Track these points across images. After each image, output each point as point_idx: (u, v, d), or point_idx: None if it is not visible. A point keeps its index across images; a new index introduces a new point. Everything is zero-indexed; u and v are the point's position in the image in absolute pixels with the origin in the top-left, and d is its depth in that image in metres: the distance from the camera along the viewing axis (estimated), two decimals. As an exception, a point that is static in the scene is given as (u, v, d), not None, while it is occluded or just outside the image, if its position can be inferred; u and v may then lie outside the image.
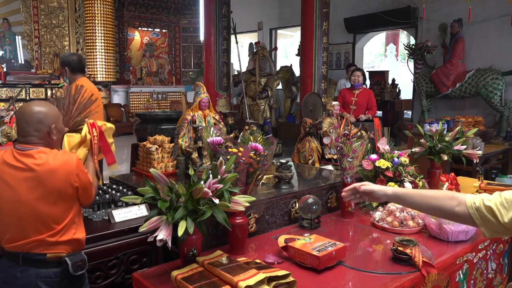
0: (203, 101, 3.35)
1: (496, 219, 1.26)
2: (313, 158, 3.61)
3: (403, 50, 9.38)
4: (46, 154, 1.65)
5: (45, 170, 1.62)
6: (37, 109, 1.69)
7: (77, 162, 1.69)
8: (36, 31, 10.16)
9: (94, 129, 1.92)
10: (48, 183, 1.62)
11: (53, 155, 1.66)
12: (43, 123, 1.68)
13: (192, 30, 12.73)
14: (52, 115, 1.73)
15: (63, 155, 1.70)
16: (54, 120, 1.72)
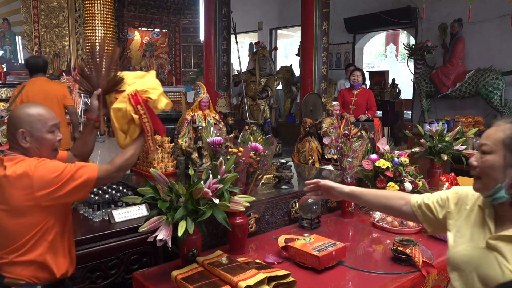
0: (203, 101, 3.35)
1: (434, 216, 1.41)
2: (313, 158, 3.61)
3: (403, 50, 9.38)
4: (11, 162, 1.50)
5: (5, 177, 1.47)
6: (16, 110, 1.59)
7: (35, 172, 1.46)
8: (36, 31, 10.16)
9: (139, 106, 1.61)
10: (5, 192, 1.47)
11: (19, 164, 1.49)
12: (13, 126, 1.55)
13: (192, 30, 12.73)
14: (26, 119, 1.54)
15: (25, 164, 1.49)
16: (25, 125, 1.53)
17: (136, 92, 1.62)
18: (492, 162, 1.19)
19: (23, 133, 1.53)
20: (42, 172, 1.46)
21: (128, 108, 1.61)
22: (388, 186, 2.55)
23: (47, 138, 1.58)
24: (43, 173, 1.46)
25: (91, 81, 1.72)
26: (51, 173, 1.47)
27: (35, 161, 1.50)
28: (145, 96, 1.63)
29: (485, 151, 1.21)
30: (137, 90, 1.63)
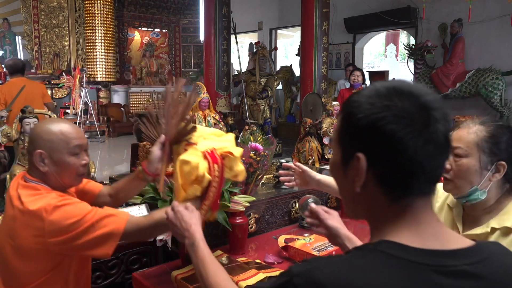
0: (203, 101, 3.35)
1: None
2: (313, 158, 3.61)
3: (403, 50, 9.38)
4: (28, 192, 1.27)
5: (19, 211, 1.24)
6: (37, 126, 1.40)
7: (49, 215, 1.21)
8: (36, 31, 10.16)
9: (216, 166, 1.29)
10: (15, 228, 1.26)
11: (36, 199, 1.25)
12: (31, 145, 1.32)
13: (192, 30, 12.73)
14: (45, 137, 1.30)
15: (43, 201, 1.24)
16: (43, 145, 1.29)
17: (213, 150, 1.33)
18: (468, 165, 1.17)
19: (40, 155, 1.28)
20: (58, 216, 1.20)
21: (201, 165, 1.28)
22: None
23: (69, 161, 1.31)
24: (59, 218, 1.20)
25: (158, 127, 1.45)
26: (68, 218, 1.20)
27: (55, 199, 1.24)
28: (224, 151, 1.35)
29: (460, 154, 1.19)
30: (214, 148, 1.33)
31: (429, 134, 0.65)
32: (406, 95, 0.66)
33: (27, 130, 2.42)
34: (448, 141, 0.68)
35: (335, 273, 0.65)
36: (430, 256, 0.65)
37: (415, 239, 0.67)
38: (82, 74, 9.21)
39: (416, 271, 0.64)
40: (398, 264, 0.64)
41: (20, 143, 2.42)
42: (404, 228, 0.69)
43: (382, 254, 0.66)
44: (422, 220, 0.69)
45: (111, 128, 9.97)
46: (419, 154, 0.65)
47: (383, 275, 0.64)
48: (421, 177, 0.67)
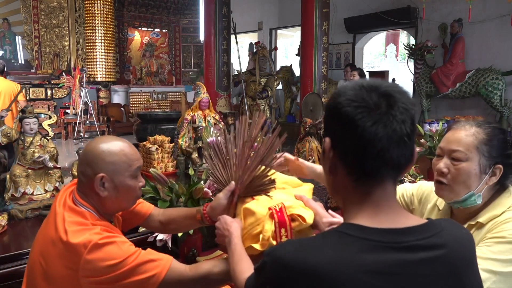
0: (203, 101, 3.35)
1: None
2: (313, 158, 3.61)
3: (403, 50, 9.38)
4: (74, 219, 1.16)
5: (59, 239, 1.14)
6: (93, 145, 1.22)
7: (88, 253, 1.09)
8: (36, 31, 10.16)
9: (283, 230, 1.10)
10: (50, 254, 1.16)
11: (79, 230, 1.13)
12: (89, 167, 1.19)
13: (192, 30, 12.73)
14: (108, 159, 1.19)
15: (86, 235, 1.12)
16: (106, 168, 1.18)
17: (283, 207, 1.13)
18: (468, 169, 1.14)
19: (102, 179, 1.18)
20: (97, 256, 1.09)
21: (267, 226, 1.10)
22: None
23: (130, 184, 1.22)
24: (97, 258, 1.09)
25: (228, 168, 1.25)
26: (106, 260, 1.10)
27: (98, 235, 1.12)
28: (295, 213, 1.13)
29: (459, 158, 1.15)
30: (284, 206, 1.13)
31: (379, 115, 0.71)
32: (371, 87, 0.74)
33: (27, 130, 2.42)
34: (408, 131, 0.73)
35: (294, 250, 0.73)
36: (384, 234, 0.71)
37: (373, 221, 0.73)
38: (82, 74, 9.21)
39: (371, 247, 0.69)
40: (354, 242, 0.70)
41: (20, 143, 2.42)
42: (364, 212, 0.76)
43: (339, 234, 0.73)
44: (381, 205, 0.76)
45: (111, 128, 9.96)
46: (368, 132, 0.71)
47: (338, 252, 0.69)
48: (375, 159, 0.73)
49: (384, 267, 0.68)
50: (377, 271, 0.67)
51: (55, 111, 9.44)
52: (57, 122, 8.72)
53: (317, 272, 0.68)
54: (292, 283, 0.69)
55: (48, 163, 2.41)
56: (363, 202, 0.76)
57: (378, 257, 0.68)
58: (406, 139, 0.73)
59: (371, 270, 0.67)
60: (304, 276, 0.68)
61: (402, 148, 0.73)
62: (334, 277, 0.67)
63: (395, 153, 0.72)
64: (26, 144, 2.40)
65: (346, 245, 0.70)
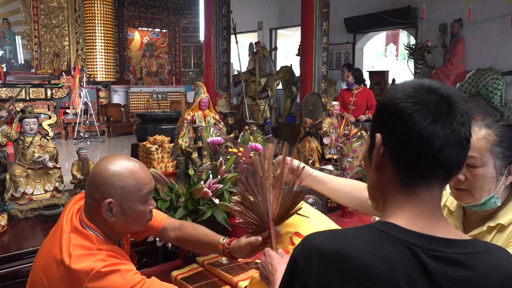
0: (203, 101, 3.35)
1: None
2: (313, 158, 3.61)
3: (403, 50, 9.38)
4: (79, 241, 1.11)
5: (62, 263, 1.09)
6: (106, 166, 1.14)
7: (89, 282, 1.05)
8: (36, 31, 10.16)
9: None
10: (52, 274, 1.11)
11: (84, 255, 1.09)
12: (98, 191, 1.13)
13: (192, 30, 12.73)
14: (118, 184, 1.12)
15: (89, 262, 1.07)
16: (115, 194, 1.12)
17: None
18: (485, 174, 1.11)
19: (110, 204, 1.12)
20: (98, 285, 1.06)
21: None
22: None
23: (140, 210, 1.16)
24: (98, 287, 1.06)
25: (256, 208, 1.16)
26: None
27: (102, 262, 1.07)
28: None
29: (475, 164, 1.12)
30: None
31: (439, 114, 0.69)
32: (431, 87, 0.72)
33: (27, 130, 2.42)
34: (467, 134, 0.71)
35: (328, 239, 0.70)
36: (421, 239, 0.68)
37: (411, 223, 0.70)
38: (82, 74, 9.21)
39: (404, 248, 0.66)
40: (388, 239, 0.68)
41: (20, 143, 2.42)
42: (407, 214, 0.72)
43: (375, 230, 0.70)
44: (424, 208, 0.72)
45: (111, 128, 9.96)
46: (426, 130, 0.68)
47: (372, 246, 0.67)
48: (429, 158, 0.70)
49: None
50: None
51: (55, 111, 9.44)
52: (57, 122, 8.72)
53: (350, 263, 0.66)
54: (330, 274, 0.67)
55: (48, 163, 2.41)
56: (406, 203, 0.73)
57: (409, 261, 0.66)
58: (465, 142, 0.71)
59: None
60: (338, 267, 0.66)
61: (458, 151, 0.71)
62: (365, 270, 0.65)
63: (451, 155, 0.70)
64: (26, 144, 2.40)
65: (380, 241, 0.68)
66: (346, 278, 0.66)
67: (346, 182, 1.41)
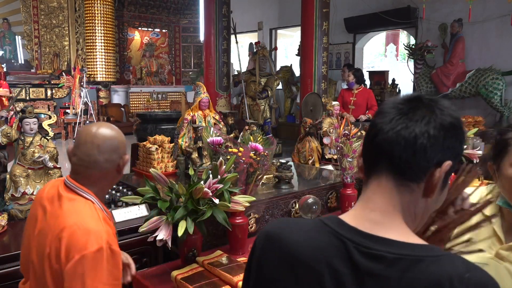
0: (203, 101, 3.35)
1: None
2: (313, 158, 3.61)
3: (403, 50, 9.38)
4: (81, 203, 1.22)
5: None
6: (109, 130, 1.28)
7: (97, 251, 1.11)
8: (36, 31, 10.16)
9: None
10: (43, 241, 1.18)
11: (87, 215, 1.19)
12: (116, 152, 1.27)
13: (192, 30, 12.73)
14: (124, 141, 1.31)
15: (94, 223, 1.18)
16: (125, 149, 1.31)
17: None
18: None
19: (127, 160, 1.31)
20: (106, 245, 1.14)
21: None
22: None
23: (128, 159, 1.34)
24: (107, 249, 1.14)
25: None
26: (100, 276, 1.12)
27: (108, 245, 1.15)
28: None
29: None
30: None
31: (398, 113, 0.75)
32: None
33: (27, 130, 2.42)
34: (413, 136, 0.73)
35: (277, 225, 0.81)
36: (357, 235, 0.70)
37: (358, 219, 0.74)
38: (82, 74, 9.21)
39: (338, 241, 0.70)
40: (327, 232, 0.73)
41: (20, 143, 2.42)
42: (358, 207, 0.77)
43: (320, 222, 0.75)
44: (375, 203, 0.74)
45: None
46: (373, 120, 0.77)
47: (309, 236, 0.74)
48: (369, 142, 0.75)
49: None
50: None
51: (55, 111, 9.44)
52: (57, 122, 8.72)
53: (286, 247, 0.74)
54: (268, 254, 0.77)
55: (48, 163, 2.41)
56: (361, 195, 0.79)
57: (340, 254, 0.69)
58: (409, 140, 0.72)
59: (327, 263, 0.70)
60: (276, 249, 0.75)
61: (396, 144, 0.73)
62: (296, 256, 0.72)
63: (385, 143, 0.74)
64: (26, 144, 2.40)
65: (318, 232, 0.73)
66: (280, 260, 0.74)
67: None
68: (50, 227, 1.18)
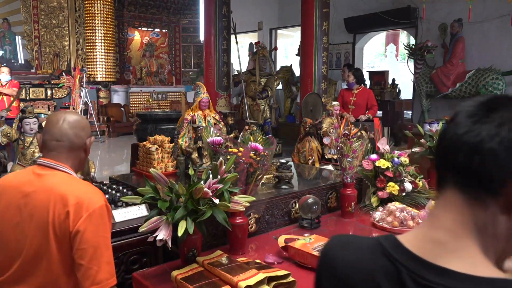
0: (203, 101, 3.35)
1: None
2: (313, 158, 3.61)
3: (403, 50, 9.38)
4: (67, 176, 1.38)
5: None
6: (76, 115, 1.51)
7: (99, 211, 1.33)
8: (36, 31, 10.16)
9: None
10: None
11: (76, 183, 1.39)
12: (84, 130, 1.46)
13: (192, 30, 12.73)
14: (89, 126, 1.52)
15: (86, 186, 1.41)
16: (90, 132, 1.52)
17: None
18: None
19: (91, 143, 1.50)
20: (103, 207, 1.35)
21: None
22: (388, 186, 2.55)
23: (92, 141, 1.54)
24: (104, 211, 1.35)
25: None
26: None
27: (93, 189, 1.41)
28: None
29: None
30: None
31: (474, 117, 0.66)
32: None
33: (27, 130, 2.42)
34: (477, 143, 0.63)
35: (337, 241, 0.75)
36: (413, 261, 0.63)
37: (417, 241, 0.66)
38: (82, 74, 9.21)
39: (392, 266, 0.63)
40: (382, 254, 0.66)
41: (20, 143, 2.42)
42: (423, 226, 0.68)
43: (377, 242, 0.68)
44: (440, 221, 0.65)
45: (111, 128, 9.97)
46: (443, 127, 0.69)
47: (364, 257, 0.67)
48: (439, 155, 0.67)
49: None
50: None
51: (55, 111, 9.44)
52: (57, 122, 8.70)
53: (338, 268, 0.69)
54: (324, 273, 0.73)
55: (48, 163, 2.41)
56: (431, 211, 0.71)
57: (393, 282, 0.63)
58: (474, 148, 0.62)
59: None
60: (329, 269, 0.71)
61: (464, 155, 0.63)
62: (346, 278, 0.68)
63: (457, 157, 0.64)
64: (26, 144, 2.40)
65: (372, 255, 0.67)
66: (333, 282, 0.70)
67: None
68: (45, 200, 1.28)
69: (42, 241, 1.28)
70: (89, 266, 1.25)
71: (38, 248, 1.29)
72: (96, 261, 1.26)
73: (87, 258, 1.26)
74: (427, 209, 2.23)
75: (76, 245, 1.26)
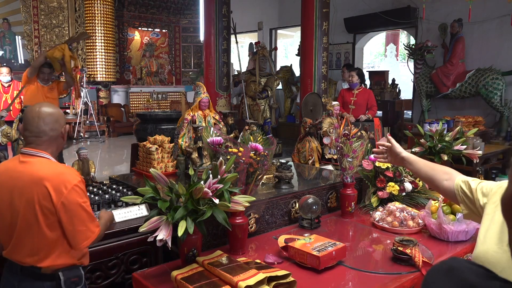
0: (203, 101, 3.35)
1: (473, 201, 1.33)
2: (313, 158, 3.61)
3: (403, 50, 9.38)
4: (47, 160, 1.61)
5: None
6: (52, 107, 1.68)
7: (74, 185, 1.56)
8: (36, 31, 10.16)
9: None
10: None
11: (51, 164, 1.61)
12: (59, 122, 1.66)
13: (192, 30, 12.73)
14: (62, 115, 1.71)
15: (62, 167, 1.63)
16: (64, 121, 1.72)
17: None
18: None
19: (66, 131, 1.72)
20: (79, 181, 1.59)
21: None
22: (388, 186, 2.55)
23: (67, 128, 1.83)
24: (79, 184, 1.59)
25: None
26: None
27: (69, 168, 1.65)
28: None
29: None
30: None
31: None
32: None
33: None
34: None
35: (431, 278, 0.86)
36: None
37: None
38: (82, 74, 9.21)
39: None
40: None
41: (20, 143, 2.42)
42: None
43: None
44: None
45: (111, 128, 9.96)
46: None
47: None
48: None
49: None
50: None
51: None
52: (57, 122, 8.71)
53: None
54: None
55: (48, 163, 2.41)
56: None
57: None
58: None
59: None
60: None
61: None
62: None
63: None
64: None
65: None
66: None
67: (428, 164, 1.58)
68: (29, 182, 1.53)
69: (31, 216, 1.53)
70: (78, 228, 1.54)
71: (28, 221, 1.54)
72: (81, 222, 1.55)
73: (74, 223, 1.54)
74: (427, 209, 2.23)
75: (63, 216, 1.52)
